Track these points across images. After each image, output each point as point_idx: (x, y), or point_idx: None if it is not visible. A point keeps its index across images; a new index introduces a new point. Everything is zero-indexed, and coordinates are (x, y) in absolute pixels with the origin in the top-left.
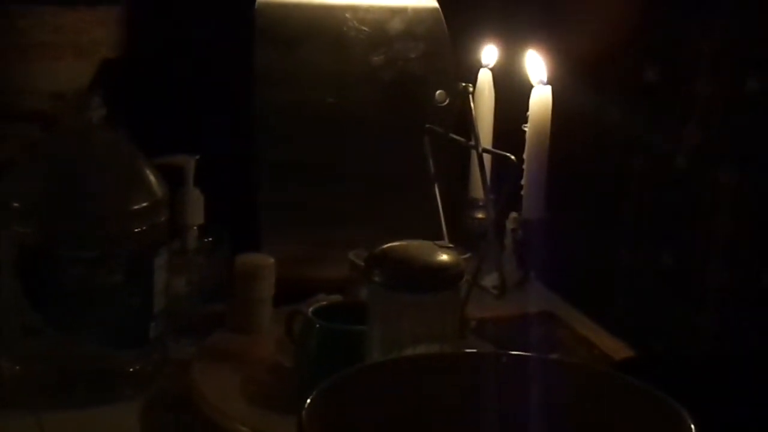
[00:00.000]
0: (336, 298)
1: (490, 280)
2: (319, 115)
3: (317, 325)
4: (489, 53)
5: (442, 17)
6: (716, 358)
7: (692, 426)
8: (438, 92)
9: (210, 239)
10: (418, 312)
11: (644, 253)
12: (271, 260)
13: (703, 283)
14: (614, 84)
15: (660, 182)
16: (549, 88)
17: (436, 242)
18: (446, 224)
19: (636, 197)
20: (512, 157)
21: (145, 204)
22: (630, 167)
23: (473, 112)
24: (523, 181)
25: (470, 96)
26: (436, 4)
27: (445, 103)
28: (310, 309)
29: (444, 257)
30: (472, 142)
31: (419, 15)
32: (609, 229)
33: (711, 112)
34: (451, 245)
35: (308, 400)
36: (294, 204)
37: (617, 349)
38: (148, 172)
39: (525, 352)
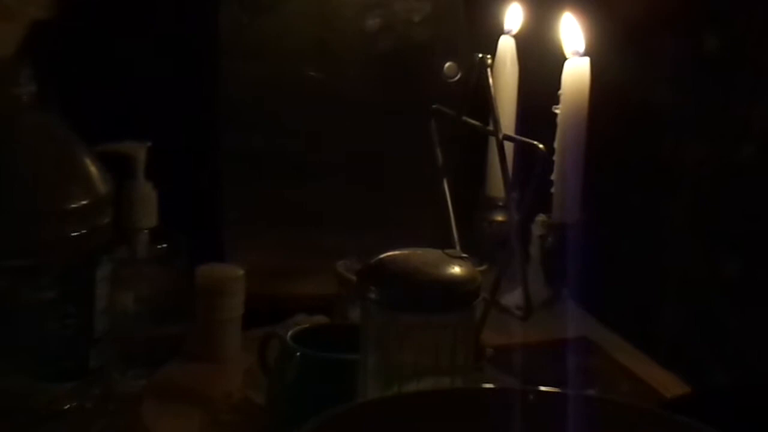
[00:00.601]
0: (320, 319)
1: (512, 299)
2: (299, 93)
3: (297, 353)
4: (512, 16)
5: None
6: None
7: None
8: (447, 65)
9: (164, 246)
10: (423, 337)
11: (703, 262)
12: (240, 272)
13: None
14: (666, 55)
15: (723, 175)
16: (587, 59)
17: (446, 251)
18: (458, 229)
19: (693, 193)
20: (540, 145)
21: (84, 202)
22: (686, 157)
23: (492, 90)
24: (553, 176)
25: (488, 69)
26: None
27: (457, 78)
28: (289, 333)
29: (455, 270)
30: (491, 127)
31: None
32: (659, 234)
33: None
34: (464, 255)
35: None
36: (267, 203)
37: (668, 383)
38: (88, 162)
39: (556, 387)
